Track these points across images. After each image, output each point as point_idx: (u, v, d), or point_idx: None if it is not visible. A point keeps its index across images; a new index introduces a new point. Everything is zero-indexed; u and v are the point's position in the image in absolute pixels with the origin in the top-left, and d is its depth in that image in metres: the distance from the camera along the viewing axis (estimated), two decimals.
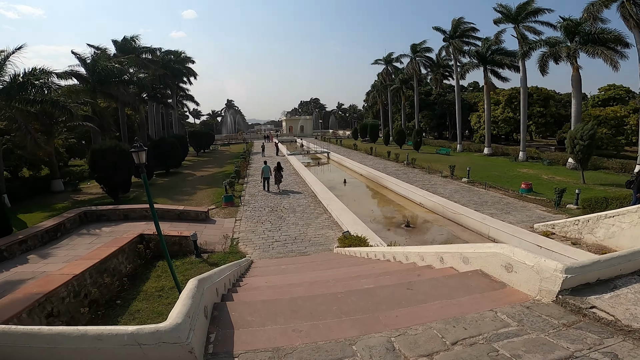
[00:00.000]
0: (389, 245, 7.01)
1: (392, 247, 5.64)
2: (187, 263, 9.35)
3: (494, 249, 3.19)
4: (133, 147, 5.05)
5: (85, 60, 25.23)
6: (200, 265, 9.19)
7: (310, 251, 10.05)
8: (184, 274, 8.77)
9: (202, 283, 2.64)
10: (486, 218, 12.33)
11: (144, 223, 12.14)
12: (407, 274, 3.91)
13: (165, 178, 25.63)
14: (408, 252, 4.81)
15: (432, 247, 4.34)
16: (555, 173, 24.27)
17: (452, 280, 3.30)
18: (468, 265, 3.55)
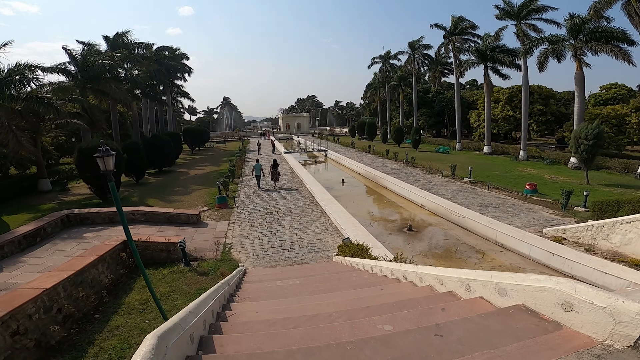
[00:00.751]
0: (397, 259, 6.33)
1: (401, 263, 4.97)
2: (175, 272, 8.65)
3: (547, 284, 2.51)
4: (98, 152, 4.31)
5: (75, 57, 24.31)
6: (188, 274, 8.49)
7: (308, 258, 9.38)
8: (171, 285, 8.09)
9: (165, 339, 1.94)
10: (493, 222, 11.71)
11: (130, 227, 11.34)
12: (427, 306, 3.23)
13: (158, 177, 24.83)
14: (423, 273, 4.14)
15: (455, 272, 3.67)
16: (558, 173, 23.77)
17: (491, 319, 2.62)
18: (506, 297, 2.87)
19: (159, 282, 8.19)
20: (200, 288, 7.83)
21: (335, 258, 8.65)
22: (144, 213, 12.01)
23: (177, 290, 7.84)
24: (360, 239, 9.70)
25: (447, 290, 3.68)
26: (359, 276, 5.63)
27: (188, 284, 8.05)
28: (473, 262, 10.00)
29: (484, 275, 3.14)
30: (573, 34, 24.96)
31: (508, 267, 9.68)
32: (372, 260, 6.22)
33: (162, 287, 7.99)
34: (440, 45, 43.04)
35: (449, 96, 54.45)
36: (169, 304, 7.42)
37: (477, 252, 10.64)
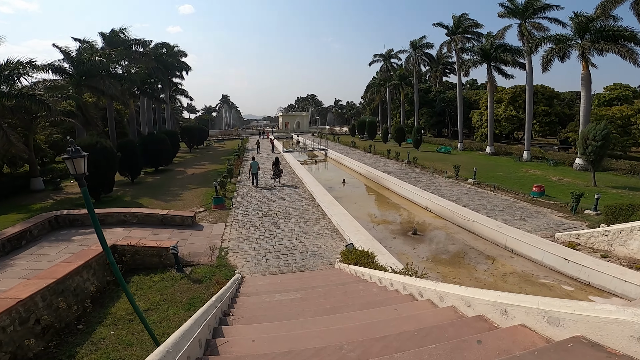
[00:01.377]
0: (407, 270, 5.79)
1: (416, 278, 4.41)
2: (167, 279, 8.09)
3: (620, 315, 1.98)
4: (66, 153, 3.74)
5: (69, 54, 23.76)
6: (181, 281, 7.93)
7: (309, 265, 8.83)
8: (162, 293, 7.54)
9: None
10: (502, 226, 11.18)
11: (121, 229, 10.84)
12: (458, 336, 2.68)
13: (154, 176, 24.24)
14: (444, 292, 3.59)
15: (486, 293, 3.13)
16: (563, 174, 23.27)
17: (547, 357, 2.09)
18: (558, 328, 2.34)
19: (149, 290, 7.64)
20: (193, 297, 7.30)
21: (338, 265, 8.11)
22: (136, 215, 11.45)
23: (168, 299, 7.29)
24: (364, 244, 9.16)
25: (476, 314, 3.14)
26: (366, 290, 5.08)
27: (180, 292, 7.50)
28: (483, 268, 9.47)
29: (528, 301, 2.60)
30: (580, 33, 24.40)
31: (521, 274, 9.15)
32: (380, 271, 5.67)
33: (152, 295, 7.44)
34: (442, 44, 42.61)
35: (451, 96, 53.91)
36: (159, 314, 6.87)
37: (487, 258, 10.11)
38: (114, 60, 27.88)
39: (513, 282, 8.81)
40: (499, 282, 8.79)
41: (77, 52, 24.32)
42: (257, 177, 19.39)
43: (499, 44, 33.02)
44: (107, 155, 16.77)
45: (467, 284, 8.62)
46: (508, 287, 8.53)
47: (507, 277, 9.04)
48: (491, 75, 34.26)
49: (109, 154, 17.04)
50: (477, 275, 9.06)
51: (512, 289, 8.46)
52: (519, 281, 8.84)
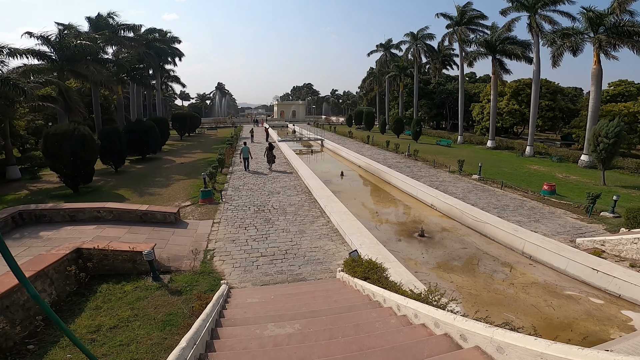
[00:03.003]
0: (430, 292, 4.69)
1: (456, 316, 3.31)
2: (141, 288, 6.92)
3: None
4: None
5: (49, 38, 22.23)
6: (157, 292, 6.77)
7: (306, 272, 7.72)
8: (134, 307, 6.38)
9: None
10: (519, 229, 10.16)
11: (93, 227, 9.60)
12: None
13: (141, 165, 22.85)
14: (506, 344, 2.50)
15: (534, 343, 2.03)
16: (568, 171, 22.43)
17: None
18: None
19: (118, 303, 6.48)
20: (170, 313, 6.16)
21: (340, 275, 7.02)
22: (111, 210, 10.19)
23: (140, 315, 6.13)
24: (369, 250, 8.08)
25: None
26: (383, 322, 3.98)
27: (155, 306, 6.35)
28: (500, 277, 8.47)
29: None
30: (593, 27, 23.34)
31: (543, 285, 8.18)
32: (397, 294, 4.57)
33: (121, 309, 6.28)
34: (444, 36, 41.15)
35: (450, 88, 52.77)
36: (127, 334, 5.71)
37: (503, 265, 9.11)
38: (98, 44, 26.33)
39: (536, 293, 7.83)
40: (520, 294, 7.80)
41: (59, 36, 22.76)
42: (248, 162, 20.10)
43: (506, 36, 31.84)
44: (85, 142, 15.44)
45: (485, 297, 7.62)
46: (531, 300, 7.56)
47: (528, 288, 8.05)
48: (496, 68, 33.11)
49: (88, 141, 15.68)
50: (495, 286, 8.06)
51: (537, 302, 7.50)
52: (543, 293, 7.86)
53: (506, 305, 7.36)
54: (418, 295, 4.62)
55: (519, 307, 7.33)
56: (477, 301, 7.30)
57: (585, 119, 31.61)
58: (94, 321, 5.94)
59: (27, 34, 22.57)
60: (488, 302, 7.39)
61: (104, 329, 5.75)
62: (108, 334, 5.67)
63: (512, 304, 7.42)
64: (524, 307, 7.32)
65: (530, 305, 7.40)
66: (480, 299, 7.43)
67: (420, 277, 7.70)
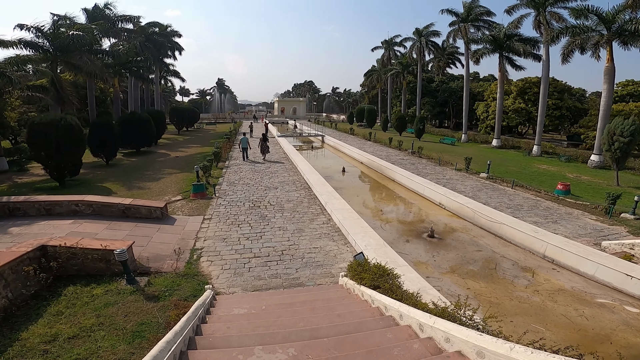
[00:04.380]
0: (459, 307, 3.78)
1: (510, 343, 2.36)
2: (112, 292, 5.99)
3: None
4: None
5: (42, 29, 21.36)
6: (130, 297, 5.84)
7: (304, 277, 6.80)
8: (100, 313, 5.43)
9: None
10: (539, 231, 9.24)
11: (69, 222, 8.67)
12: None
13: (133, 158, 21.92)
14: None
15: None
16: (578, 171, 21.50)
17: None
18: None
19: (83, 308, 5.54)
20: (143, 322, 5.22)
21: (343, 281, 6.10)
22: (90, 204, 9.26)
23: (106, 324, 5.19)
24: (375, 253, 7.16)
25: None
26: (405, 350, 3.06)
27: (126, 314, 5.42)
28: (522, 283, 7.56)
29: None
30: (606, 24, 22.42)
31: (571, 292, 7.28)
32: (417, 310, 3.64)
33: (85, 317, 5.32)
34: (449, 33, 40.13)
35: (454, 86, 51.77)
36: (88, 346, 4.77)
37: (524, 270, 8.19)
38: (95, 36, 25.42)
39: (565, 302, 6.93)
40: (547, 302, 6.91)
41: (53, 26, 21.88)
42: (247, 152, 20.81)
43: (513, 33, 30.88)
44: (72, 133, 14.58)
45: (508, 306, 6.72)
46: (560, 309, 6.67)
47: (555, 295, 7.15)
48: (503, 65, 32.16)
49: (75, 132, 14.80)
50: (517, 293, 7.15)
51: (567, 311, 6.61)
52: (572, 301, 6.96)
53: (533, 315, 6.47)
54: (443, 311, 3.70)
55: (548, 317, 6.44)
56: (499, 311, 6.38)
57: (595, 118, 30.80)
58: (51, 329, 5.02)
59: (18, 27, 21.67)
60: (512, 311, 6.49)
61: (61, 338, 4.84)
62: (65, 344, 4.75)
63: (539, 313, 6.53)
64: (554, 318, 6.43)
65: (559, 315, 6.51)
66: (502, 308, 6.52)
67: (433, 282, 6.79)
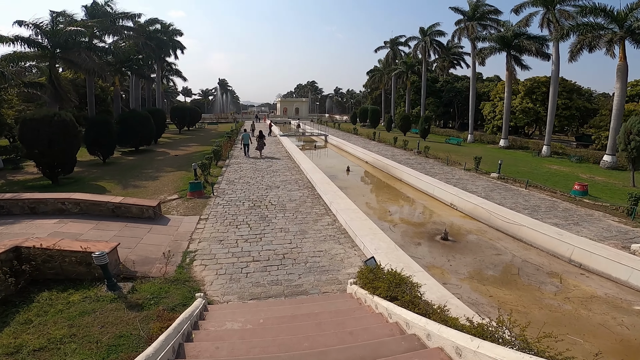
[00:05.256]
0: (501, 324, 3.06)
1: None
2: (91, 299, 5.29)
3: None
4: None
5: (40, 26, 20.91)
6: (110, 305, 5.15)
7: (308, 284, 6.09)
8: (74, 323, 4.71)
9: None
10: (564, 233, 8.50)
11: (54, 221, 8.02)
12: None
13: (131, 157, 21.33)
14: None
15: None
16: (591, 172, 20.70)
17: None
18: None
19: (55, 317, 4.84)
20: (121, 335, 4.52)
21: (352, 289, 5.39)
22: (77, 202, 8.60)
23: (79, 335, 4.49)
24: (387, 256, 6.46)
25: None
26: None
27: (102, 325, 4.72)
28: (551, 290, 6.83)
29: None
30: (618, 22, 21.69)
31: (605, 299, 6.56)
32: (450, 329, 2.93)
33: (56, 327, 4.61)
34: (455, 31, 39.46)
35: (459, 86, 50.98)
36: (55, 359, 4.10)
37: (550, 275, 7.45)
38: (92, 31, 24.95)
39: (600, 310, 6.21)
40: (580, 310, 6.19)
41: (51, 23, 21.43)
42: (248, 148, 21.15)
43: (521, 31, 30.15)
44: (66, 130, 14.04)
45: (538, 315, 6.00)
46: (597, 318, 5.96)
47: (588, 303, 6.42)
48: (510, 64, 31.39)
49: (69, 128, 14.25)
50: (546, 301, 6.42)
51: (604, 321, 5.91)
52: (608, 309, 6.24)
53: (567, 325, 5.75)
54: (483, 329, 2.99)
55: (584, 327, 5.73)
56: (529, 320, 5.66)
57: (606, 118, 29.97)
58: (15, 340, 4.36)
59: (17, 23, 21.20)
60: (543, 321, 5.76)
61: (25, 350, 4.18)
62: (29, 358, 4.08)
63: (573, 323, 5.81)
64: (590, 327, 5.72)
65: (597, 324, 5.81)
66: (532, 318, 5.77)
67: (451, 289, 6.07)
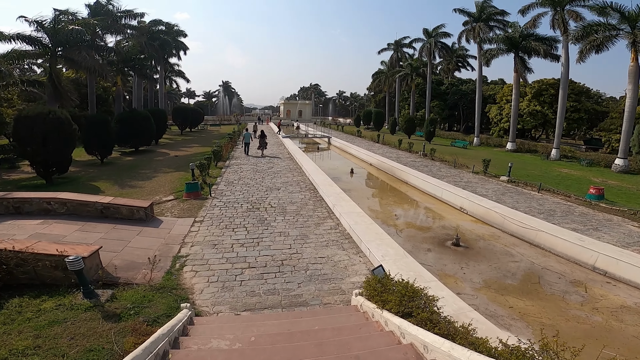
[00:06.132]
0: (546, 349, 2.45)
1: None
2: (64, 308, 4.71)
3: None
4: None
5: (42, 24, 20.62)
6: (84, 315, 4.56)
7: (308, 294, 5.50)
8: (40, 333, 4.11)
9: None
10: (586, 239, 7.87)
11: (38, 222, 7.50)
12: None
13: (131, 157, 20.89)
14: None
15: None
16: (603, 176, 20.02)
17: None
18: None
19: (21, 326, 4.24)
20: (91, 349, 3.91)
21: (357, 301, 4.80)
22: (64, 202, 8.08)
23: (44, 347, 3.89)
24: (396, 264, 5.87)
25: None
26: None
27: (72, 337, 4.12)
28: (576, 300, 6.20)
29: None
30: (630, 22, 21.10)
31: (636, 309, 5.94)
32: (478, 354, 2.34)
33: (21, 338, 4.00)
34: (461, 33, 38.82)
35: (465, 89, 50.35)
36: None
37: (573, 284, 6.82)
38: (94, 30, 24.65)
39: (632, 321, 5.61)
40: (611, 321, 5.58)
41: (54, 21, 21.13)
42: (249, 147, 21.37)
43: (529, 32, 29.56)
44: (61, 128, 13.61)
45: (566, 327, 5.35)
46: (630, 330, 5.36)
47: (618, 314, 5.81)
48: (518, 66, 30.75)
49: (65, 126, 13.82)
50: (573, 312, 5.80)
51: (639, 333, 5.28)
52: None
53: (599, 338, 5.15)
54: (522, 356, 2.39)
55: (617, 340, 5.15)
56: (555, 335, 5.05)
57: (617, 121, 29.25)
58: None
59: (21, 18, 20.94)
60: (572, 335, 5.15)
61: None
62: None
63: (605, 336, 5.22)
64: (625, 341, 5.14)
65: (631, 337, 5.24)
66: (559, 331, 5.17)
67: (467, 300, 5.45)
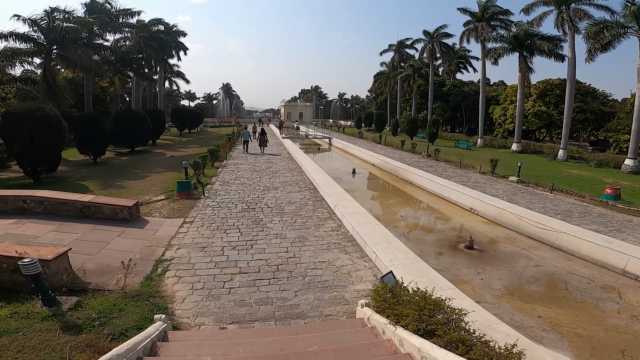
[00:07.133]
0: None
1: None
2: (19, 316, 4.02)
3: None
4: None
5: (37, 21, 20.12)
6: (40, 325, 3.86)
7: (306, 305, 4.78)
8: None
9: None
10: (614, 241, 7.14)
11: (11, 221, 6.81)
12: None
13: (126, 157, 20.22)
14: None
15: None
16: (614, 176, 19.32)
17: None
18: None
19: None
20: None
21: (364, 312, 4.08)
22: (41, 201, 7.39)
23: None
24: (406, 269, 5.15)
25: None
26: None
27: (20, 349, 3.42)
28: (612, 308, 5.49)
29: None
30: (638, 20, 20.52)
31: None
32: None
33: None
34: (463, 32, 38.26)
35: (467, 90, 49.74)
36: None
37: (604, 290, 6.10)
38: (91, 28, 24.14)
39: None
40: None
41: (48, 18, 20.63)
42: (247, 145, 21.44)
43: (534, 32, 28.97)
44: (50, 125, 13.02)
45: (605, 338, 4.64)
46: None
47: None
48: (523, 65, 30.12)
49: (54, 124, 13.23)
50: (611, 321, 5.09)
51: None
52: None
53: None
54: None
55: None
56: (595, 347, 4.33)
57: (625, 121, 28.55)
58: None
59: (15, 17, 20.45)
60: (616, 346, 4.42)
61: None
62: None
63: None
64: None
65: None
66: (599, 343, 4.47)
67: (489, 310, 4.73)
